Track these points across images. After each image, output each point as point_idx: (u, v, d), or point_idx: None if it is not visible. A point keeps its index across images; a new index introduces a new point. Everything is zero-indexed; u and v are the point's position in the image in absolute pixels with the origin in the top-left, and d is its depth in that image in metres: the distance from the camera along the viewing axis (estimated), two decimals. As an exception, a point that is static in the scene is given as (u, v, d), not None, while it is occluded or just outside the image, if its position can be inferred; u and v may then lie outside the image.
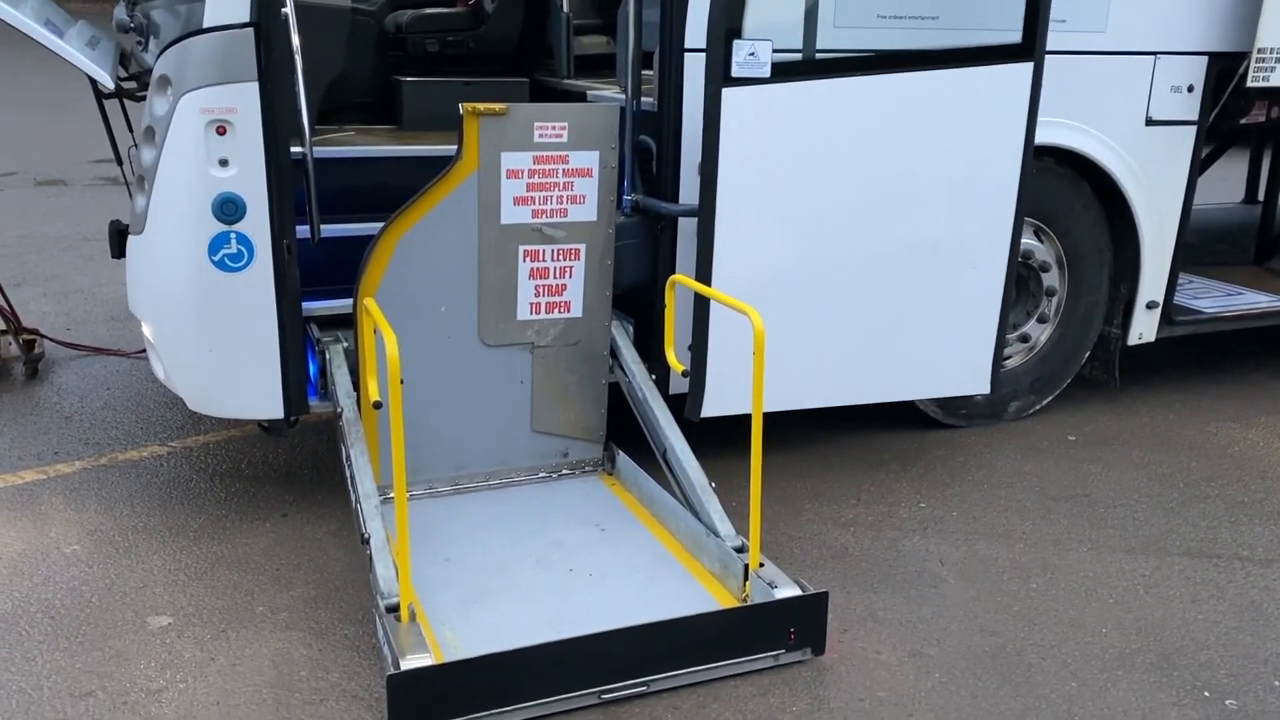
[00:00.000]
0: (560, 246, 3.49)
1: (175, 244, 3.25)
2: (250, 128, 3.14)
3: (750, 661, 2.86)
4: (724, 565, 3.08)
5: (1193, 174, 4.48)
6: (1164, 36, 4.24)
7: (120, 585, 3.23)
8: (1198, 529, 3.76)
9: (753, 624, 2.84)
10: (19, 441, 4.22)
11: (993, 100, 3.68)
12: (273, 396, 3.38)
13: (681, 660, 2.76)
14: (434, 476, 3.61)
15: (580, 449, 3.78)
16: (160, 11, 3.59)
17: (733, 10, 3.27)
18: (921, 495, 3.96)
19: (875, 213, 3.68)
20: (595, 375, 3.71)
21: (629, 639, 2.70)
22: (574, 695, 2.68)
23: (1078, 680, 2.89)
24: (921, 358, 3.91)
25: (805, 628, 2.89)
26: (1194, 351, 5.67)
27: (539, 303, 3.54)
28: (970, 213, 3.79)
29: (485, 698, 2.58)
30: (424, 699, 2.52)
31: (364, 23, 4.63)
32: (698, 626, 2.78)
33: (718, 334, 3.56)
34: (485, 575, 3.14)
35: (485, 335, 3.51)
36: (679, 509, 3.34)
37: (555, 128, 3.36)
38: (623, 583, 3.12)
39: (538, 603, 3.00)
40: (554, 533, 3.38)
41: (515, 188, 3.38)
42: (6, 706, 2.67)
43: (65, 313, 5.87)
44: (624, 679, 2.71)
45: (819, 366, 3.79)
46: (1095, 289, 4.59)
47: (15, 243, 7.36)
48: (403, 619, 2.68)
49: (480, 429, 3.61)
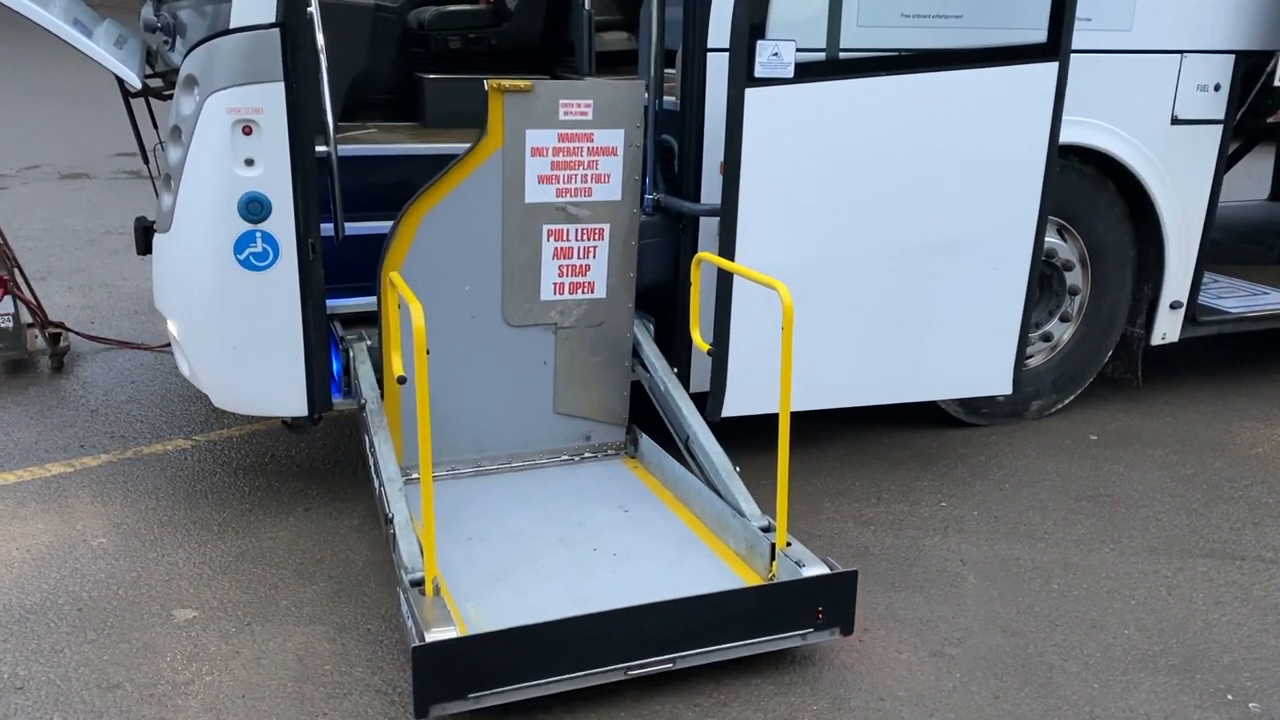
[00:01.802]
0: (584, 226, 3.47)
1: (201, 242, 3.28)
2: (276, 127, 3.16)
3: (777, 641, 2.82)
4: (750, 545, 3.06)
5: (1218, 173, 4.45)
6: (1190, 35, 4.21)
7: (146, 578, 3.27)
8: (1221, 530, 3.74)
9: (780, 602, 2.80)
10: (46, 434, 4.27)
11: (1017, 100, 3.67)
12: (297, 394, 3.41)
13: (708, 638, 2.73)
14: (456, 458, 3.60)
15: (603, 432, 3.77)
16: (187, 11, 3.62)
17: (756, 10, 3.26)
18: (943, 494, 3.95)
19: (898, 212, 3.68)
20: (618, 357, 3.69)
21: (656, 614, 2.67)
22: (600, 671, 2.65)
23: (1099, 682, 2.89)
24: (943, 358, 3.91)
25: (833, 607, 2.85)
26: (1218, 351, 5.63)
27: (563, 283, 3.52)
28: (993, 212, 3.78)
29: (511, 671, 2.56)
30: (449, 671, 2.50)
31: (387, 20, 4.66)
32: (725, 603, 2.74)
33: (739, 334, 3.57)
34: (508, 554, 3.13)
35: (509, 315, 3.50)
36: (703, 490, 3.32)
37: (580, 105, 3.34)
38: (647, 562, 3.10)
39: (561, 581, 2.99)
40: (577, 514, 3.37)
41: (540, 166, 3.37)
42: (37, 697, 2.71)
43: (90, 306, 5.93)
44: (650, 655, 2.69)
45: (841, 366, 3.79)
46: (1119, 288, 4.57)
47: (40, 236, 7.43)
48: (427, 593, 2.67)
49: (503, 410, 3.60)
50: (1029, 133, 3.73)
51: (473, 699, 2.55)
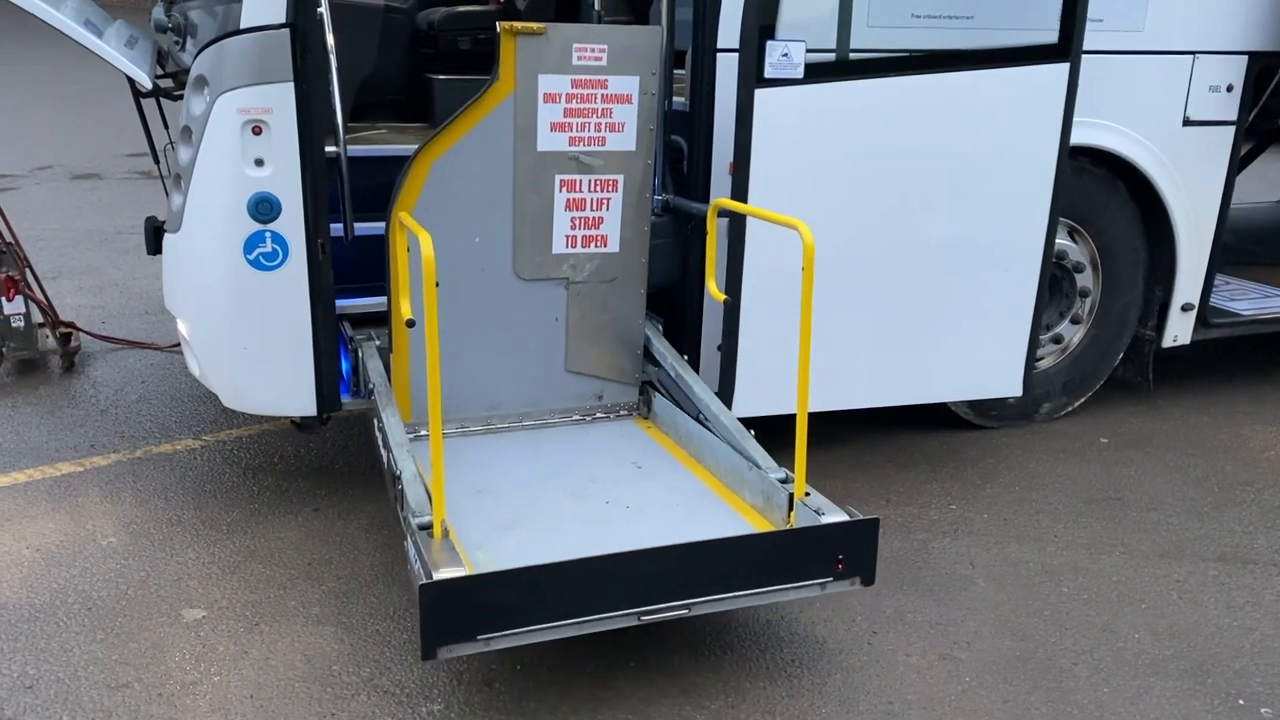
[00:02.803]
0: (597, 177, 3.40)
1: (211, 243, 3.28)
2: (286, 128, 3.17)
3: (796, 589, 2.74)
4: (767, 497, 2.99)
5: (1230, 174, 4.43)
6: (1203, 36, 4.19)
7: (155, 577, 3.28)
8: (1232, 534, 3.72)
9: (799, 548, 2.72)
10: (56, 434, 4.29)
11: (1028, 101, 3.66)
12: (306, 394, 3.41)
13: (724, 584, 2.65)
14: (466, 416, 3.55)
15: (615, 391, 3.70)
16: (198, 12, 3.63)
17: (766, 11, 3.26)
18: (952, 497, 3.94)
19: (908, 214, 3.67)
20: (632, 315, 3.63)
21: (671, 558, 2.59)
22: (612, 615, 2.57)
23: (1110, 686, 2.87)
24: (953, 359, 3.90)
25: (854, 556, 2.76)
26: (1230, 353, 5.60)
27: (575, 236, 3.46)
28: (1004, 214, 3.77)
29: (521, 613, 2.49)
30: (457, 611, 2.43)
31: (397, 21, 4.66)
32: (742, 548, 2.67)
33: (748, 334, 3.56)
34: (518, 505, 3.07)
35: (520, 269, 3.44)
36: (718, 444, 3.25)
37: (595, 50, 3.26)
38: (660, 515, 3.04)
39: (573, 531, 2.93)
40: (589, 469, 3.31)
41: (552, 113, 3.30)
42: (46, 696, 2.72)
43: (100, 306, 5.95)
44: (664, 600, 2.61)
45: (851, 368, 3.78)
46: (1130, 290, 4.55)
47: (51, 236, 7.46)
48: (435, 535, 2.62)
49: (514, 367, 3.54)
50: (1040, 134, 3.71)
51: (482, 641, 2.47)
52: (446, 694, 2.77)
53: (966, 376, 3.96)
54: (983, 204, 3.74)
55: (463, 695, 2.77)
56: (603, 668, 2.90)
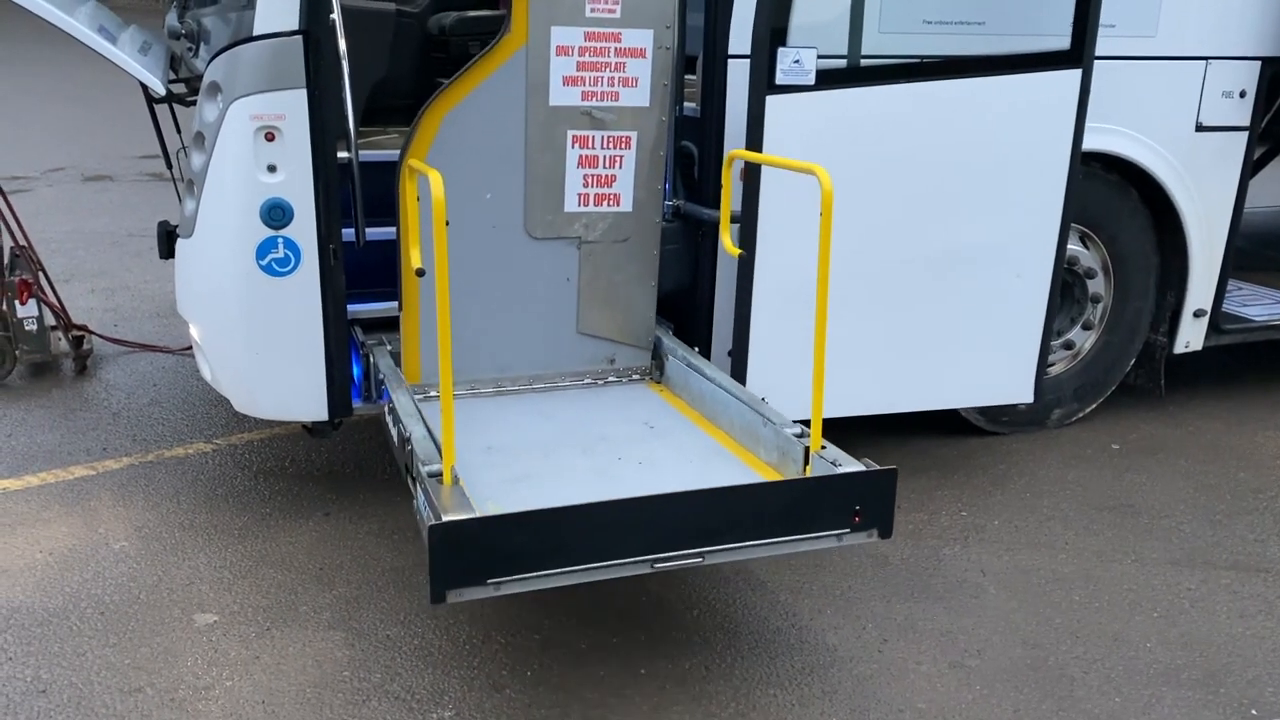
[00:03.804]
0: (610, 134, 3.36)
1: (223, 248, 3.30)
2: (298, 134, 3.18)
3: (812, 540, 2.68)
4: (782, 452, 2.95)
5: (1243, 180, 4.41)
6: (1216, 41, 4.17)
7: (167, 582, 3.29)
8: (1245, 542, 3.70)
9: (815, 498, 2.66)
10: (69, 437, 4.30)
11: (1039, 107, 3.65)
12: (317, 399, 3.42)
13: (739, 532, 2.59)
14: (476, 378, 3.51)
15: (628, 355, 3.66)
16: (211, 18, 3.64)
17: (778, 17, 3.26)
18: (963, 503, 3.93)
19: (920, 219, 3.66)
20: (644, 276, 3.58)
21: (684, 504, 2.54)
22: (625, 562, 2.52)
23: (1121, 696, 2.86)
24: (965, 365, 3.89)
25: (871, 508, 2.70)
26: (1243, 359, 5.58)
27: (587, 194, 3.42)
28: (1015, 220, 3.76)
29: (531, 556, 2.43)
30: (467, 554, 2.38)
31: (408, 25, 4.67)
32: (758, 495, 2.63)
33: (758, 341, 3.56)
34: (529, 461, 3.04)
35: (531, 227, 3.40)
36: (732, 402, 3.22)
37: (608, 2, 3.23)
38: (673, 471, 2.99)
39: (584, 484, 2.89)
40: (600, 428, 3.27)
41: (564, 66, 3.26)
42: (59, 700, 2.73)
43: (113, 309, 5.97)
44: (678, 547, 2.55)
45: (862, 374, 3.78)
46: (1141, 296, 4.54)
47: (64, 238, 7.50)
48: (445, 481, 2.59)
49: (525, 329, 3.51)
50: (1051, 140, 3.71)
51: (492, 585, 2.42)
52: (457, 700, 2.78)
53: (977, 382, 3.95)
54: (994, 210, 3.73)
55: (474, 701, 2.77)
56: (614, 675, 2.90)
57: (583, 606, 3.21)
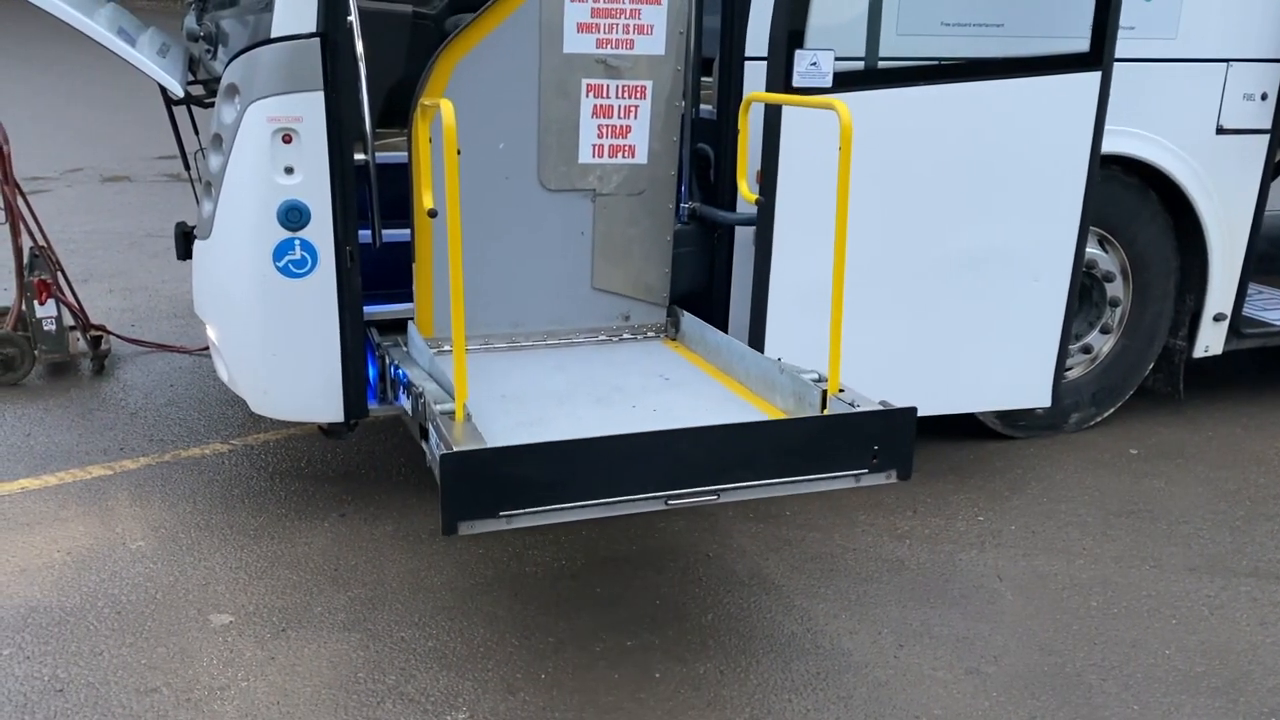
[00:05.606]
0: (625, 83, 3.30)
1: (241, 250, 3.31)
2: (315, 136, 3.18)
3: (829, 480, 2.64)
4: (799, 397, 2.91)
5: (1264, 183, 4.38)
6: (1237, 43, 4.14)
7: (184, 582, 3.30)
8: (1265, 548, 3.67)
9: (832, 436, 2.62)
10: (87, 437, 4.33)
11: (1058, 110, 3.63)
12: (333, 400, 3.42)
13: (755, 470, 2.55)
14: (490, 332, 3.49)
15: (643, 311, 3.62)
16: (229, 20, 3.66)
17: (795, 18, 3.24)
18: (979, 508, 3.91)
19: (937, 223, 3.64)
20: (660, 230, 3.54)
21: (701, 439, 2.49)
22: (639, 498, 2.48)
23: (1140, 703, 2.84)
24: (982, 369, 3.87)
25: (889, 448, 2.66)
26: (1263, 364, 5.53)
27: (602, 145, 3.37)
28: (1034, 223, 3.74)
29: (545, 489, 2.40)
30: (479, 485, 2.35)
31: (425, 27, 4.67)
32: (775, 432, 2.60)
33: (774, 341, 3.54)
34: (543, 409, 3.03)
35: (545, 178, 3.36)
36: (747, 352, 3.18)
37: None
38: (688, 417, 2.95)
39: (598, 429, 2.83)
40: (614, 380, 3.24)
41: (579, 12, 3.21)
42: (76, 700, 2.74)
43: (130, 309, 6.00)
44: (694, 484, 2.52)
45: (879, 378, 3.75)
46: (1161, 300, 4.50)
47: (82, 238, 7.54)
48: (458, 418, 2.56)
49: (539, 283, 3.46)
50: (1070, 143, 3.68)
51: (504, 517, 2.39)
52: (471, 702, 2.78)
53: (995, 386, 3.93)
54: (1013, 213, 3.71)
55: (488, 704, 2.77)
56: (628, 678, 2.89)
57: (597, 609, 3.20)
